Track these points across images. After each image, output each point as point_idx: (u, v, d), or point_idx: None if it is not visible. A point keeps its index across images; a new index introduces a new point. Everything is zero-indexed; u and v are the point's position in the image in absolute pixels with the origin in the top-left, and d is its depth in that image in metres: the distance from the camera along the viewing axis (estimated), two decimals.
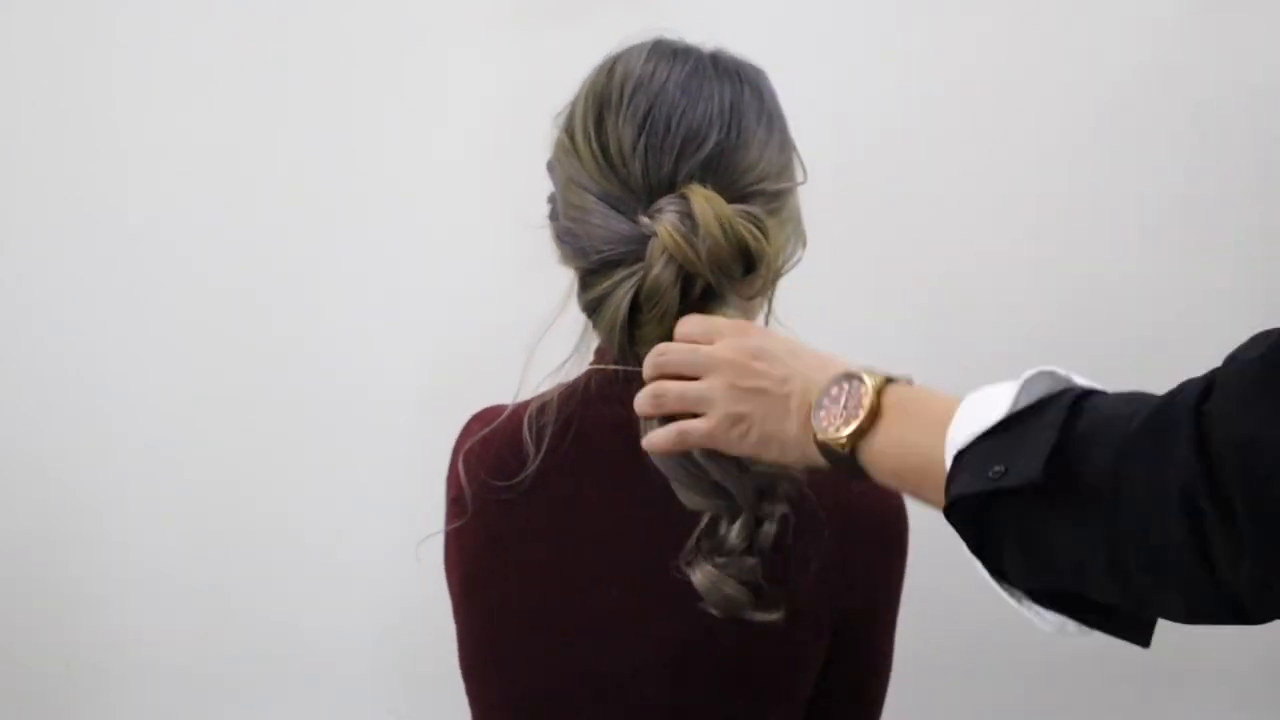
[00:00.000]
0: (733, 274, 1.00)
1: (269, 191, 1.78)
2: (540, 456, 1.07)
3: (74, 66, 1.78)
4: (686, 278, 0.99)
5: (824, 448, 0.87)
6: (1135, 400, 0.74)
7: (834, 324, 1.28)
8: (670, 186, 1.00)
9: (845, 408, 0.87)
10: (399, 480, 1.77)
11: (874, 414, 0.85)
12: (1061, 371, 0.79)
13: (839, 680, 1.11)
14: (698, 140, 1.01)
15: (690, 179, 1.00)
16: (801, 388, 0.90)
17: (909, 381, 0.88)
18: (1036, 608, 0.79)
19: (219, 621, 1.85)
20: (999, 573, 0.79)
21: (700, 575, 1.02)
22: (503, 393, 1.13)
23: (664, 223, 0.98)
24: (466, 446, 1.12)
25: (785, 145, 1.06)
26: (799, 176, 1.08)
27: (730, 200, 1.00)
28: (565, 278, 1.07)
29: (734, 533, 1.01)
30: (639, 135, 1.01)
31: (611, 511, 1.06)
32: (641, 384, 0.99)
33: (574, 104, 1.06)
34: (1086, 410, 0.75)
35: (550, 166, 1.08)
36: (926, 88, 1.70)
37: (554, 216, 1.07)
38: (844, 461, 0.87)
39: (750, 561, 1.01)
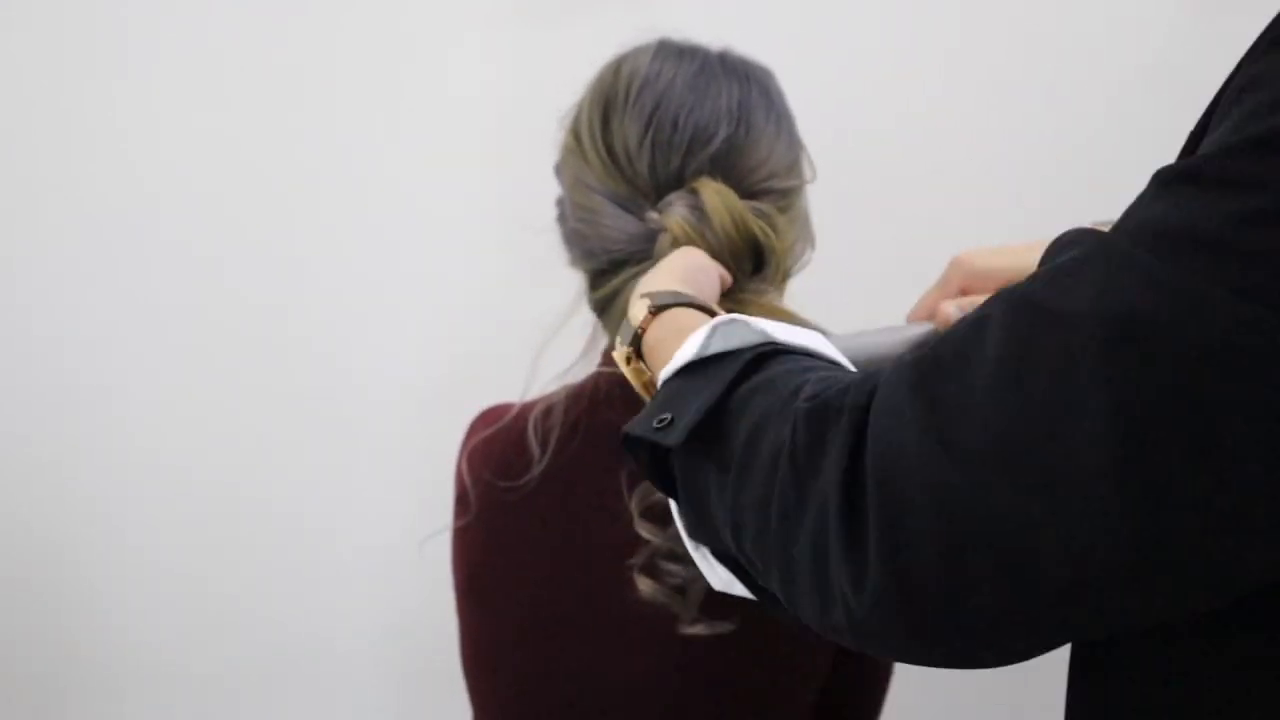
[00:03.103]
0: (743, 268, 0.99)
1: (269, 192, 1.78)
2: (546, 459, 1.07)
3: (75, 67, 1.78)
4: None
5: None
6: (810, 371, 0.69)
7: (839, 325, 1.27)
8: (678, 183, 1.00)
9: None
10: (400, 480, 1.77)
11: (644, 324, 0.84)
12: (763, 324, 0.74)
13: (843, 680, 1.11)
14: (705, 136, 1.00)
15: (699, 174, 1.00)
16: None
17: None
18: (711, 559, 0.76)
19: (219, 621, 1.85)
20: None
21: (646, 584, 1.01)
22: (504, 394, 1.13)
23: (674, 216, 0.98)
24: (471, 445, 1.12)
25: (794, 144, 1.06)
26: (807, 175, 1.07)
27: (741, 197, 0.99)
28: (569, 278, 1.07)
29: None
30: (645, 133, 1.00)
31: (616, 519, 1.05)
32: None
33: (580, 105, 1.06)
34: (762, 370, 0.71)
35: (557, 169, 1.07)
36: (924, 88, 1.70)
37: (562, 219, 1.07)
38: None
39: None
